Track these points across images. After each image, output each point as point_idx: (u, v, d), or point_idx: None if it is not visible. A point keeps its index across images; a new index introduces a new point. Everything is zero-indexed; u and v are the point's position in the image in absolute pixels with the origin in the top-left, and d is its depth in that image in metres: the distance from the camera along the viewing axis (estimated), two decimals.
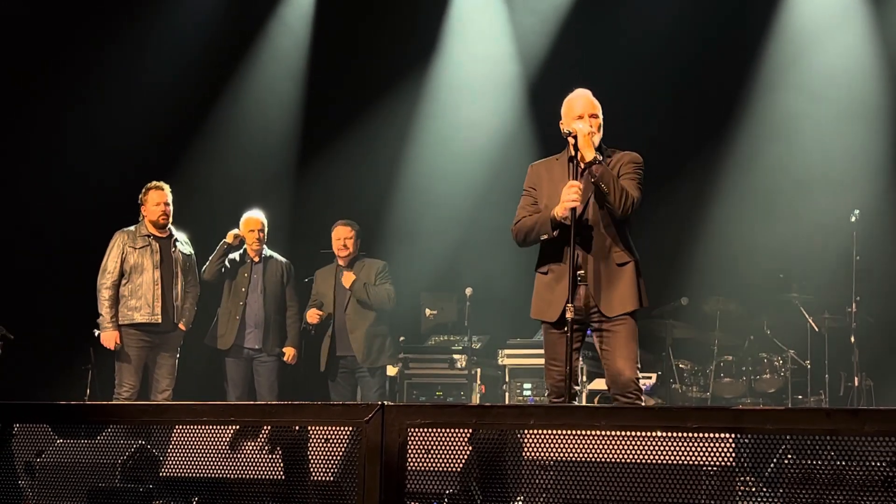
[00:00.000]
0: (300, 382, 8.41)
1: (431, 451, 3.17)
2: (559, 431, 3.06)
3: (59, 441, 3.98)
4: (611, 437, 3.01)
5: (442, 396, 8.62)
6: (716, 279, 9.22)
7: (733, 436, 2.89)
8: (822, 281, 8.74)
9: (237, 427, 3.58)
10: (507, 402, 8.29)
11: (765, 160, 9.51)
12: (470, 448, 3.19)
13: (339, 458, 3.36)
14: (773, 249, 9.23)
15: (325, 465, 3.39)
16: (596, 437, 3.02)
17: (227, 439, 3.60)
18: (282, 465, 3.50)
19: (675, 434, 2.94)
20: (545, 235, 5.09)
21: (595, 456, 3.02)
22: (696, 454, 2.93)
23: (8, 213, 9.24)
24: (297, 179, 10.42)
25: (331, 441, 3.37)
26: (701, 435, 2.91)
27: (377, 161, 10.24)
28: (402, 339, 8.69)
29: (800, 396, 8.64)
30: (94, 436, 4.01)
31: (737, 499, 3.00)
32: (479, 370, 8.64)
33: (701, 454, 2.92)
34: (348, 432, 3.32)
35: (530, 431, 3.12)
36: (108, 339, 7.39)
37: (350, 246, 8.01)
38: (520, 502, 3.21)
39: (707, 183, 9.54)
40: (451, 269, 9.77)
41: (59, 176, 9.34)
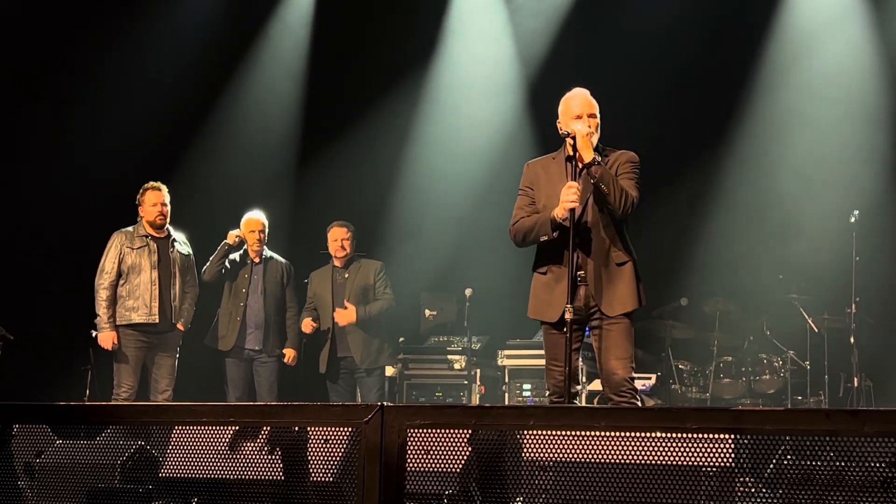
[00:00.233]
0: (300, 383, 8.40)
1: (431, 452, 3.17)
2: (558, 432, 3.06)
3: (58, 442, 3.98)
4: (610, 438, 3.01)
5: (441, 397, 8.61)
6: (715, 280, 9.22)
7: (733, 436, 2.89)
8: (821, 282, 8.73)
9: (237, 428, 3.58)
10: (506, 403, 8.29)
11: (764, 161, 9.51)
12: (469, 449, 3.19)
13: (338, 458, 3.36)
14: (773, 250, 9.23)
15: (325, 466, 3.39)
16: (595, 438, 3.02)
17: (227, 440, 3.60)
18: (281, 465, 3.50)
19: (674, 435, 2.94)
20: (545, 236, 5.08)
21: (594, 457, 3.02)
22: (695, 455, 2.93)
23: (7, 214, 9.24)
24: (297, 180, 10.42)
25: (330, 442, 3.37)
26: (700, 436, 2.90)
27: (377, 161, 10.24)
28: (401, 339, 8.69)
29: (799, 397, 8.63)
30: (94, 436, 4.01)
31: (736, 499, 3.00)
32: (478, 371, 8.64)
33: (700, 455, 2.92)
34: (348, 433, 3.32)
35: (530, 432, 3.12)
36: (106, 339, 7.39)
37: (347, 247, 8.01)
38: (519, 503, 3.21)
39: (707, 184, 9.54)
40: (450, 270, 9.76)
41: (59, 176, 9.34)
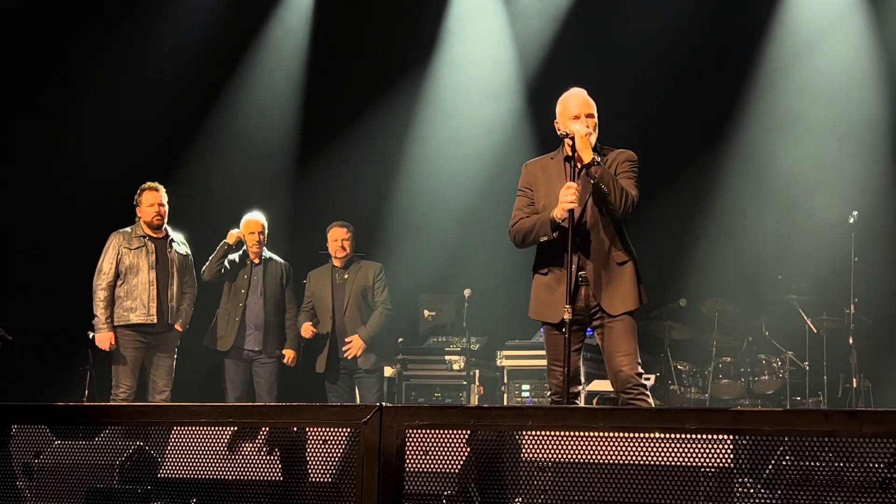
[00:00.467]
0: (299, 384, 8.41)
1: (429, 453, 3.17)
2: (557, 433, 3.06)
3: (57, 442, 3.98)
4: (609, 439, 3.01)
5: (440, 398, 8.61)
6: (714, 280, 9.21)
7: (731, 437, 2.89)
8: (820, 282, 8.73)
9: (235, 428, 3.58)
10: (505, 404, 8.29)
11: (763, 161, 9.51)
12: (468, 449, 3.19)
13: (337, 459, 3.36)
14: (772, 251, 9.23)
15: (324, 467, 3.39)
16: (594, 439, 3.02)
17: (226, 440, 3.59)
18: (280, 466, 3.50)
19: (673, 435, 2.94)
20: (545, 237, 5.07)
21: (593, 457, 3.02)
22: (694, 455, 2.93)
23: (6, 214, 9.23)
24: (296, 180, 10.41)
25: (329, 442, 3.37)
26: (699, 436, 2.90)
27: (376, 162, 10.24)
28: (400, 340, 8.69)
29: (798, 398, 8.63)
30: (93, 437, 4.00)
31: (735, 500, 3.00)
32: (477, 371, 8.63)
33: (699, 455, 2.92)
34: (346, 433, 3.32)
35: (528, 433, 3.11)
36: (103, 340, 7.39)
37: (347, 247, 8.03)
38: (518, 503, 3.21)
39: (705, 184, 9.53)
40: (449, 271, 9.76)
41: (58, 176, 9.34)
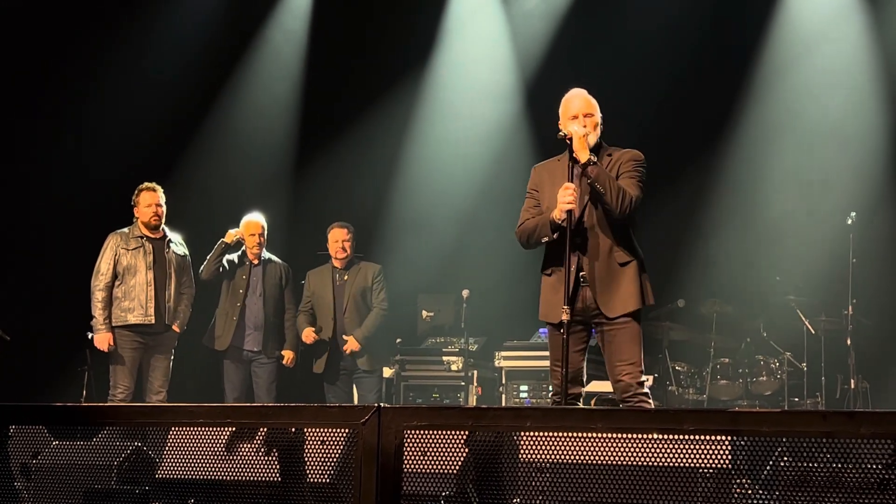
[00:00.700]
0: (297, 385, 8.40)
1: (428, 453, 3.17)
2: (555, 433, 3.06)
3: (55, 443, 3.97)
4: (607, 440, 3.01)
5: (438, 398, 8.61)
6: (712, 282, 9.22)
7: (730, 438, 2.89)
8: (818, 283, 8.74)
9: (233, 429, 3.57)
10: (503, 404, 8.29)
11: (762, 162, 9.51)
12: (466, 450, 3.18)
13: (335, 460, 3.36)
14: (770, 252, 9.24)
15: (322, 467, 3.38)
16: (592, 440, 3.01)
17: (224, 441, 3.59)
18: (278, 466, 3.50)
19: (671, 436, 2.94)
20: (546, 238, 5.11)
21: (591, 458, 3.02)
22: (692, 456, 2.93)
23: (5, 214, 9.23)
24: (295, 180, 10.41)
25: (327, 443, 3.37)
26: (697, 437, 2.90)
27: (374, 162, 10.24)
28: (398, 340, 8.69)
29: (796, 399, 8.64)
30: (90, 437, 4.00)
31: (733, 501, 3.00)
32: (475, 372, 8.63)
33: (697, 456, 2.92)
34: (345, 434, 3.32)
35: (526, 433, 3.11)
36: (101, 340, 7.39)
37: (348, 248, 8.04)
38: None
39: (704, 185, 9.54)
40: (447, 271, 9.76)
41: (57, 177, 9.33)
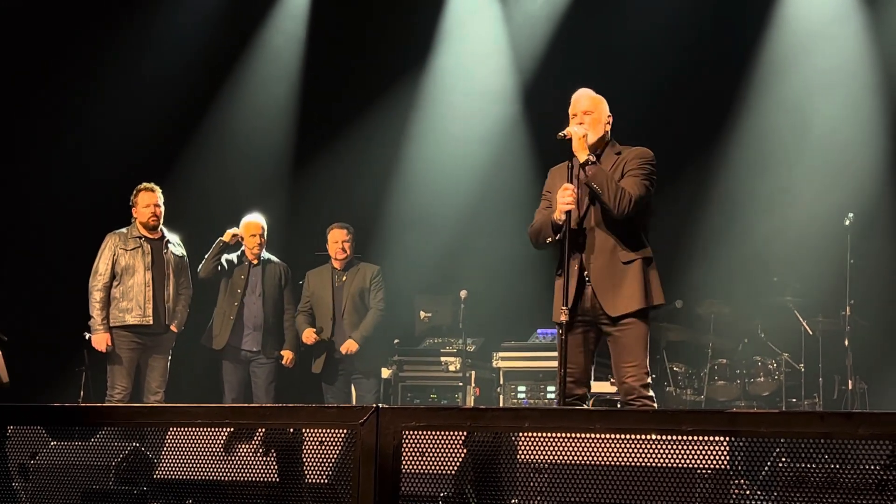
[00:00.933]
0: (296, 385, 8.40)
1: (426, 454, 3.17)
2: (553, 434, 3.06)
3: (52, 443, 3.98)
4: (605, 440, 3.01)
5: (436, 399, 8.61)
6: (710, 282, 9.21)
7: (728, 439, 2.89)
8: (816, 284, 8.74)
9: (231, 429, 3.57)
10: (501, 405, 8.29)
11: (759, 164, 9.51)
12: (464, 451, 3.19)
13: (333, 460, 3.36)
14: (768, 252, 9.24)
15: (320, 468, 3.39)
16: (590, 440, 3.02)
17: (222, 442, 3.59)
18: (276, 467, 3.50)
19: (669, 437, 2.94)
20: (549, 238, 5.11)
21: (589, 459, 3.02)
22: (690, 457, 2.93)
23: (3, 214, 9.22)
24: (293, 181, 10.41)
25: (325, 443, 3.37)
26: (695, 438, 2.90)
27: (372, 163, 10.24)
28: (396, 341, 8.68)
29: (794, 400, 8.64)
30: (88, 438, 4.00)
31: (731, 502, 3.00)
32: (473, 373, 8.62)
33: (695, 457, 2.92)
34: (343, 435, 3.32)
35: (525, 434, 3.11)
36: (99, 341, 7.38)
37: (347, 249, 8.04)
38: None
39: (701, 186, 9.54)
40: (445, 272, 9.76)
41: (55, 177, 9.32)
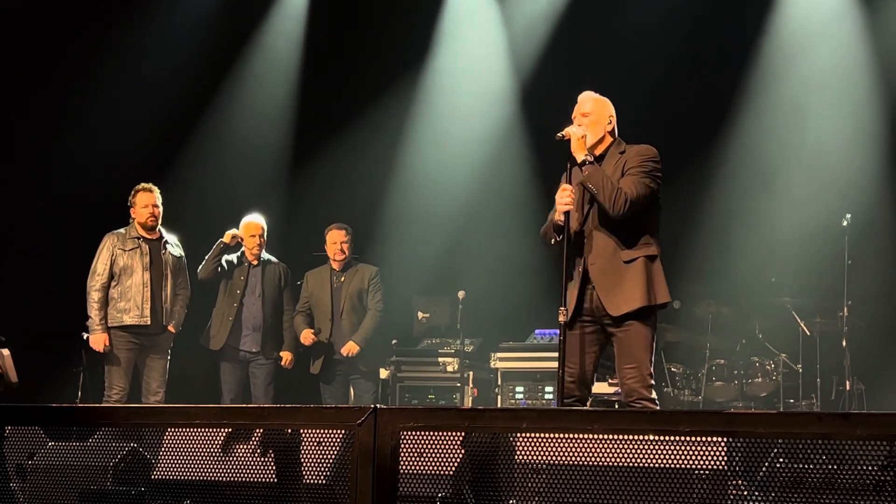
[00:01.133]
0: (295, 386, 8.40)
1: (424, 455, 3.17)
2: (551, 435, 3.06)
3: (50, 443, 3.98)
4: (603, 441, 3.01)
5: (434, 399, 8.61)
6: (708, 283, 9.22)
7: (725, 439, 2.89)
8: (813, 285, 8.74)
9: (229, 430, 3.57)
10: (499, 406, 8.29)
11: (756, 164, 9.52)
12: (462, 451, 3.19)
13: (331, 461, 3.36)
14: (765, 253, 9.24)
15: (318, 468, 3.38)
16: (588, 441, 3.02)
17: (220, 442, 3.59)
18: (274, 468, 3.50)
19: (667, 438, 2.94)
20: (553, 239, 5.12)
21: (587, 459, 3.02)
22: (688, 458, 2.93)
23: (2, 214, 9.21)
24: (291, 182, 10.41)
25: (323, 444, 3.37)
26: (693, 438, 2.91)
27: (370, 164, 10.24)
28: (394, 342, 8.69)
29: (791, 400, 8.64)
30: (86, 438, 4.00)
31: (728, 502, 3.01)
32: (471, 373, 8.62)
33: (693, 458, 2.92)
34: (341, 435, 3.32)
35: (523, 435, 3.11)
36: (97, 341, 7.38)
37: (346, 250, 8.05)
38: None
39: (699, 187, 9.54)
40: (443, 273, 9.76)
41: (54, 177, 9.31)
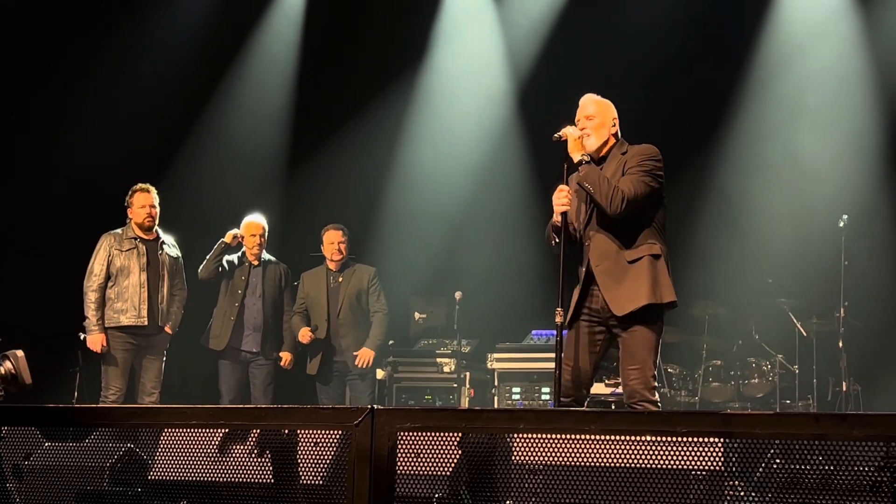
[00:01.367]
0: (293, 386, 8.40)
1: (421, 455, 3.17)
2: (548, 435, 3.06)
3: (46, 444, 3.97)
4: (600, 441, 3.01)
5: (431, 400, 8.61)
6: (704, 283, 9.22)
7: (722, 440, 2.89)
8: (810, 286, 8.76)
9: (226, 430, 3.57)
10: (496, 406, 8.29)
11: (753, 165, 9.52)
12: (459, 452, 3.19)
13: (328, 461, 3.36)
14: (762, 254, 9.25)
15: (315, 469, 3.38)
16: (585, 441, 3.02)
17: (216, 442, 3.59)
18: (271, 468, 3.50)
19: (664, 438, 2.94)
20: (554, 240, 5.13)
21: (584, 460, 3.02)
22: (685, 458, 2.93)
23: (2, 214, 9.21)
24: (288, 182, 10.41)
25: (320, 444, 3.37)
26: (690, 439, 2.91)
27: (367, 165, 10.24)
28: (391, 342, 8.69)
29: (788, 401, 8.65)
30: (82, 439, 4.00)
31: (725, 503, 3.01)
32: (468, 374, 8.63)
33: (690, 458, 2.92)
34: (338, 436, 3.32)
35: (520, 435, 3.11)
36: (94, 342, 7.38)
37: (343, 250, 8.05)
38: None
39: (696, 187, 9.55)
40: (440, 273, 9.76)
41: (50, 179, 9.31)
